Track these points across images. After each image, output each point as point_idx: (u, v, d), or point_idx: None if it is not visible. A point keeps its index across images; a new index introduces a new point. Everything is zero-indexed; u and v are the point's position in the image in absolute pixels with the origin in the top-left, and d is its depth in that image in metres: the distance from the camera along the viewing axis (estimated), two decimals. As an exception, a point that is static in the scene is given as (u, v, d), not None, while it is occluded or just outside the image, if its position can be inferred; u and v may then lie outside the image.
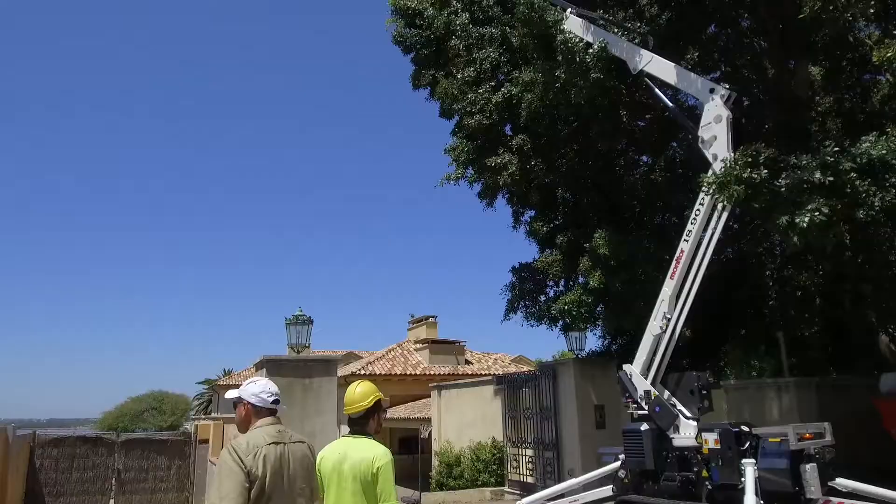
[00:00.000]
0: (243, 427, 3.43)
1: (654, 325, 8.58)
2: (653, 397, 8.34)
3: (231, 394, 3.58)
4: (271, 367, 10.10)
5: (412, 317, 31.51)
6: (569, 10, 10.23)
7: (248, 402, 3.42)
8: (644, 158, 14.12)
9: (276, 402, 3.46)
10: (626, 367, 8.92)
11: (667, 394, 8.45)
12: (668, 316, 8.41)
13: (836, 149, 7.31)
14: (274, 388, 3.48)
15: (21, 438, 12.78)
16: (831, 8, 6.43)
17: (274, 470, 3.17)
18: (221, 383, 40.12)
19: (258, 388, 3.45)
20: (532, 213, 14.12)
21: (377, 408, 3.75)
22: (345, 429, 3.93)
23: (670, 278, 8.51)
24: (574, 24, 9.99)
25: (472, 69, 12.50)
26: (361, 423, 3.70)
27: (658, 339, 8.56)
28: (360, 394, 3.71)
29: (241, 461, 3.07)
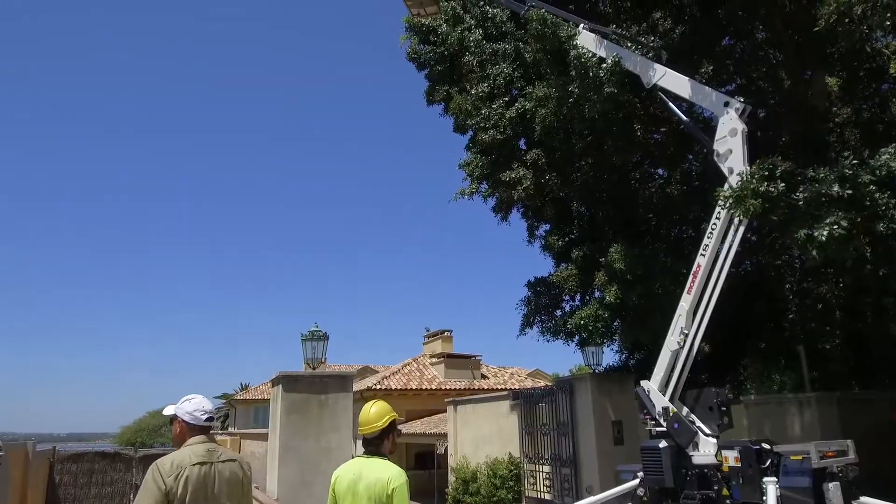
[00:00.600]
0: (177, 443, 3.54)
1: (671, 341, 8.49)
2: (671, 414, 8.24)
3: (168, 410, 3.68)
4: (287, 383, 10.13)
5: (427, 331, 31.46)
6: (581, 25, 10.25)
7: (182, 420, 3.53)
8: (659, 171, 14.07)
9: (209, 420, 3.57)
10: (643, 383, 8.83)
11: (685, 410, 8.35)
12: (686, 331, 8.32)
13: (855, 161, 7.23)
14: (208, 406, 3.60)
15: (41, 454, 12.92)
16: (847, 21, 6.39)
17: (195, 489, 3.26)
18: (239, 397, 40.24)
19: (192, 406, 3.55)
20: (547, 226, 14.11)
21: (392, 428, 3.74)
22: (360, 444, 3.93)
23: (687, 293, 8.43)
24: (587, 40, 10.00)
25: (485, 85, 12.56)
26: (376, 444, 3.69)
27: (676, 354, 8.47)
28: (375, 414, 3.71)
29: (163, 481, 3.19)
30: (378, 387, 24.14)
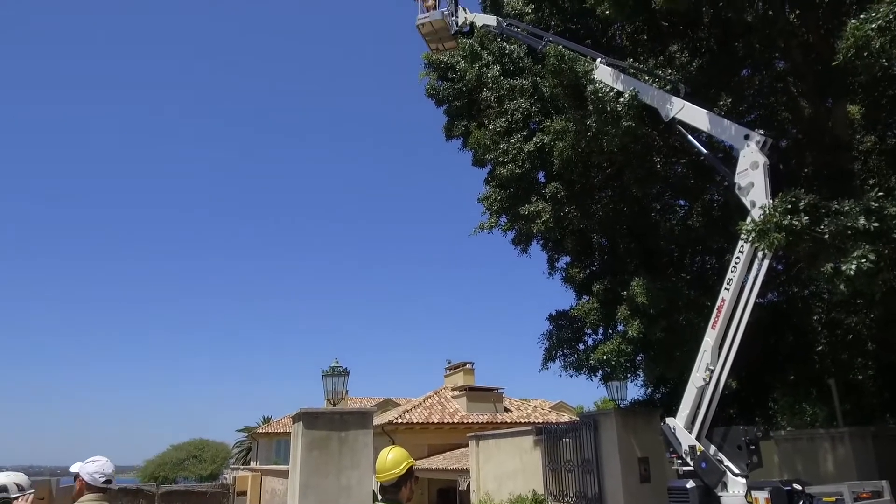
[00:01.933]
0: (75, 499, 3.79)
1: (696, 377, 8.32)
2: (698, 453, 8.03)
3: (73, 468, 3.93)
4: (307, 420, 10.10)
5: (449, 363, 31.32)
6: (598, 59, 10.32)
7: (83, 479, 3.79)
8: (681, 202, 13.96)
9: (106, 482, 3.82)
10: (669, 420, 8.63)
11: (713, 449, 8.13)
12: (712, 367, 8.16)
13: (881, 193, 7.10)
14: (109, 469, 3.86)
15: (64, 490, 12.91)
16: (865, 54, 6.35)
17: None
18: (261, 431, 40.17)
19: (94, 468, 3.81)
20: (567, 259, 14.03)
21: (409, 475, 3.70)
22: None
23: (712, 328, 8.29)
24: (604, 73, 10.06)
25: (503, 119, 12.66)
26: (393, 491, 3.65)
27: (702, 391, 8.29)
28: (392, 461, 3.67)
29: None
30: (399, 420, 23.97)
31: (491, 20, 13.58)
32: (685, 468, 8.20)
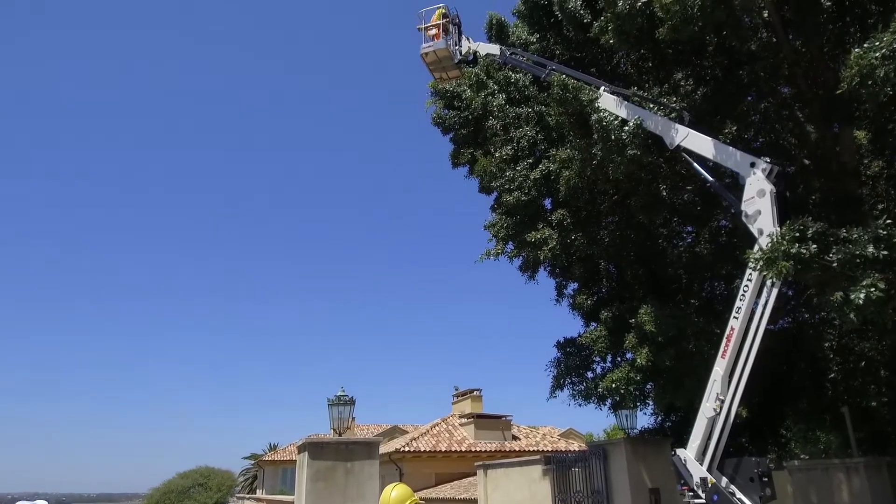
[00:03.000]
0: None
1: (707, 407, 8.21)
2: (710, 485, 7.89)
3: None
4: (313, 450, 9.99)
5: (457, 389, 31.01)
6: (602, 88, 10.38)
7: None
8: (688, 228, 13.91)
9: None
10: (679, 451, 8.50)
11: (724, 480, 7.99)
12: (722, 397, 8.06)
13: (889, 221, 7.05)
14: None
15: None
16: (870, 83, 6.36)
17: None
18: (267, 458, 39.80)
19: None
20: (575, 285, 13.97)
21: (414, 513, 3.65)
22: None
23: (721, 357, 8.20)
24: (608, 102, 10.11)
25: (509, 147, 12.72)
26: (398, 529, 3.60)
27: (712, 421, 8.18)
28: (396, 499, 3.63)
29: None
30: (407, 449, 23.69)
31: (494, 49, 13.71)
32: (697, 501, 8.05)
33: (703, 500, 7.93)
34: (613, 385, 10.95)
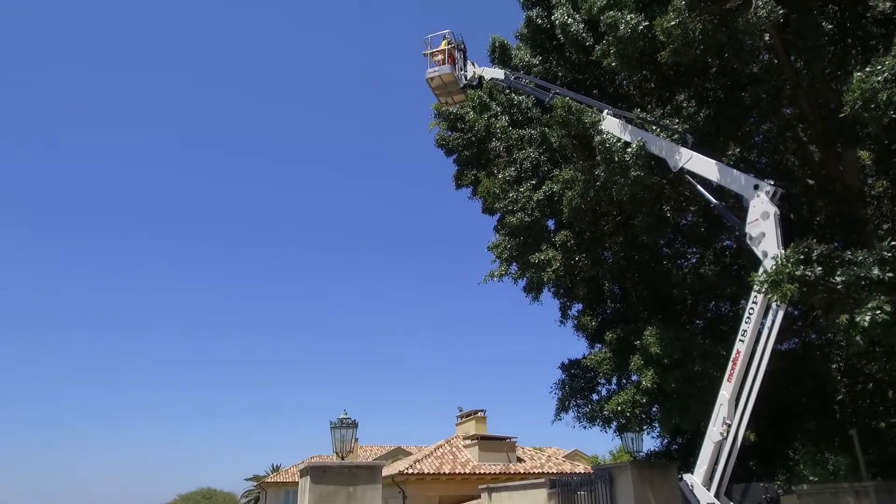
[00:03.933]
0: None
1: (713, 432, 8.11)
2: (718, 511, 7.77)
3: None
4: (315, 474, 9.91)
5: (460, 410, 30.79)
6: (605, 111, 10.42)
7: None
8: (692, 249, 13.88)
9: None
10: (686, 477, 8.39)
11: (732, 507, 7.87)
12: (729, 421, 7.96)
13: (894, 242, 7.02)
14: None
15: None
16: (872, 106, 6.37)
17: None
18: (270, 480, 39.49)
19: None
20: (579, 306, 13.93)
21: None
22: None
23: (727, 381, 8.12)
24: (611, 124, 10.15)
25: (512, 169, 12.77)
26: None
27: (719, 445, 8.07)
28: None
29: None
30: (410, 471, 23.47)
31: (499, 74, 13.82)
32: (705, 527, 7.93)
33: (710, 527, 7.81)
34: (619, 408, 10.86)
